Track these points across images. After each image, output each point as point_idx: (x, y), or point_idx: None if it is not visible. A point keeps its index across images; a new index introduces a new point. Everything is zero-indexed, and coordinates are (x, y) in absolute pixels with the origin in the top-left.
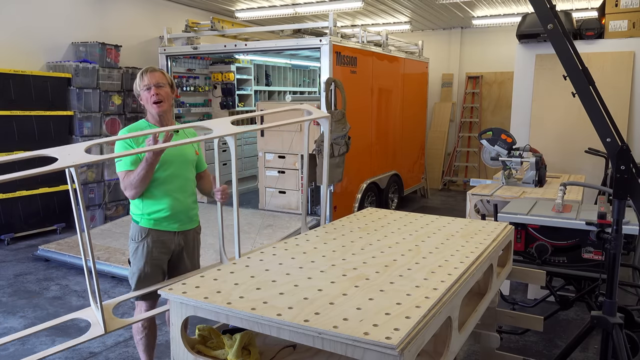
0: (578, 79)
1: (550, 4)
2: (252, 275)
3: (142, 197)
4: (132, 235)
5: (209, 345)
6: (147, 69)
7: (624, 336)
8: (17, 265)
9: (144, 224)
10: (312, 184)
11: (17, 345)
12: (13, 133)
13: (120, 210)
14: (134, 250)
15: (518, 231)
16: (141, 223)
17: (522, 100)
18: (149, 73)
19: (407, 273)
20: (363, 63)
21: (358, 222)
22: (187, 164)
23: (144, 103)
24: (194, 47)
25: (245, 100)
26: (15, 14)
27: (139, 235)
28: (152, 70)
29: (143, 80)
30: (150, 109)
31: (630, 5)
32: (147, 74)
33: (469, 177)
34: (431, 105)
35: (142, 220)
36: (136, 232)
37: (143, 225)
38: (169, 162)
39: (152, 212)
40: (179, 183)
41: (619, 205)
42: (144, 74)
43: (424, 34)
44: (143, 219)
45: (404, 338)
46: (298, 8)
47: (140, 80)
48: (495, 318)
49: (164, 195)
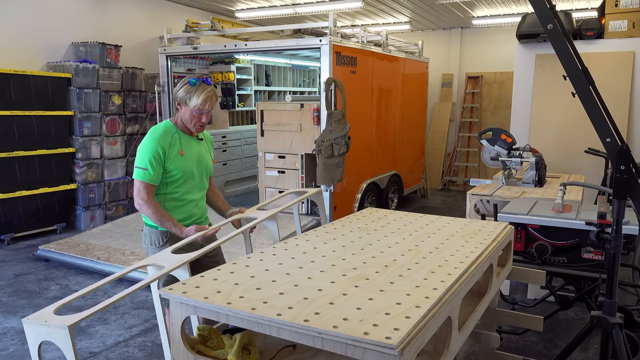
0: (578, 79)
1: (550, 4)
2: (252, 275)
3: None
4: (152, 241)
5: (209, 345)
6: (208, 94)
7: (624, 336)
8: (17, 265)
9: (164, 228)
10: (312, 184)
11: (17, 345)
12: (13, 133)
13: (120, 210)
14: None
15: (518, 231)
16: (160, 227)
17: (522, 100)
18: (210, 100)
19: (407, 273)
20: (363, 63)
21: (358, 222)
22: (207, 173)
23: (185, 118)
24: (194, 47)
25: (245, 100)
26: (15, 14)
27: (159, 240)
28: (212, 96)
29: (202, 104)
30: (189, 126)
31: (630, 5)
32: (208, 101)
33: (469, 177)
34: (431, 105)
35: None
36: (156, 237)
37: (163, 229)
38: (193, 173)
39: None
40: (200, 192)
41: (618, 205)
42: (205, 101)
43: (424, 34)
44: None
45: (404, 338)
46: (298, 8)
47: (196, 99)
48: (495, 318)
49: (186, 203)
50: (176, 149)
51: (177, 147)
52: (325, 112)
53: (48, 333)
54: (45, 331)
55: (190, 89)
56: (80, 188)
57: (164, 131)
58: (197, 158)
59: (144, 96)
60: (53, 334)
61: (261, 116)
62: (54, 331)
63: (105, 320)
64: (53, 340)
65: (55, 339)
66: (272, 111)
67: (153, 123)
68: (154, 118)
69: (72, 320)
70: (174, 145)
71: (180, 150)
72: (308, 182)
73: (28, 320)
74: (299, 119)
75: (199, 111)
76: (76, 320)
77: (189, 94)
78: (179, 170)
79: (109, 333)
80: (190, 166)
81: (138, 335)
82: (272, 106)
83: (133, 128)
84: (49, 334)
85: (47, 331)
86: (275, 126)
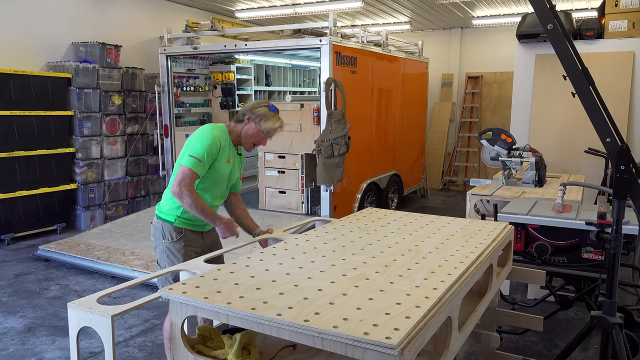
0: (578, 79)
1: (550, 4)
2: (252, 275)
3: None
4: (165, 235)
5: (209, 345)
6: (281, 124)
7: (624, 336)
8: (17, 265)
9: (179, 224)
10: (312, 184)
11: (17, 345)
12: (13, 133)
13: (120, 210)
14: (169, 249)
15: (518, 231)
16: (176, 223)
17: (522, 100)
18: (280, 129)
19: (407, 273)
20: (363, 63)
21: (358, 222)
22: (234, 186)
23: (249, 133)
24: (194, 47)
25: (246, 100)
26: (15, 14)
27: (174, 235)
28: (282, 127)
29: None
30: (246, 141)
31: (630, 5)
32: (278, 129)
33: (469, 177)
34: (431, 105)
35: (177, 221)
36: (169, 232)
37: (178, 225)
38: (225, 182)
39: (190, 217)
40: (220, 200)
41: (618, 205)
42: (277, 128)
43: (424, 34)
44: (177, 220)
45: (404, 338)
46: (298, 8)
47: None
48: (495, 318)
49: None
50: (225, 154)
51: (226, 153)
52: (325, 112)
53: (91, 320)
54: (89, 317)
55: (269, 113)
56: (80, 188)
57: (222, 132)
58: (232, 169)
59: (144, 96)
60: (96, 321)
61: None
62: (97, 319)
63: None
64: (94, 327)
65: (97, 327)
66: None
67: (153, 123)
68: (154, 118)
69: (116, 311)
70: (225, 149)
71: (228, 158)
72: (308, 182)
73: (73, 304)
74: (299, 119)
75: (267, 133)
76: (119, 311)
77: (267, 116)
78: (217, 174)
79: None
80: (226, 174)
81: (138, 335)
82: None
83: (133, 128)
84: (91, 321)
85: (90, 317)
86: None
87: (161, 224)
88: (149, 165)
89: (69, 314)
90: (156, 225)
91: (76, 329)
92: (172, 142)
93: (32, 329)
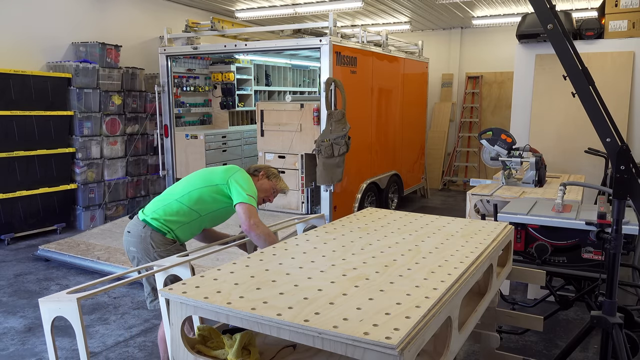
0: (578, 79)
1: (550, 4)
2: (252, 275)
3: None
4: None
5: (209, 345)
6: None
7: (624, 336)
8: (17, 265)
9: (171, 237)
10: (312, 184)
11: (17, 345)
12: (13, 133)
13: (120, 210)
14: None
15: (518, 231)
16: (168, 235)
17: (522, 100)
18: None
19: (407, 273)
20: (363, 63)
21: (358, 222)
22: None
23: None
24: (194, 47)
25: (245, 100)
26: (15, 14)
27: (166, 245)
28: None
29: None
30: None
31: (630, 5)
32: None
33: (469, 177)
34: (431, 105)
35: (170, 234)
36: (161, 242)
37: (170, 237)
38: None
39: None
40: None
41: (618, 205)
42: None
43: (424, 34)
44: (170, 233)
45: (404, 338)
46: (298, 8)
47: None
48: (495, 318)
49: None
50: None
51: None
52: (325, 112)
53: (60, 308)
54: (57, 307)
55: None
56: (80, 188)
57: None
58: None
59: (144, 96)
60: (64, 308)
61: (261, 116)
62: (65, 305)
63: (105, 320)
64: (64, 314)
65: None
66: (272, 111)
67: (153, 123)
68: (154, 118)
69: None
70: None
71: None
72: (308, 182)
73: (43, 299)
74: (299, 119)
75: (276, 192)
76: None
77: (279, 177)
78: (220, 216)
79: (109, 333)
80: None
81: (138, 335)
82: (272, 106)
83: (133, 128)
84: (60, 309)
85: (59, 307)
86: (275, 126)
87: (152, 233)
88: (149, 165)
89: (41, 308)
90: (141, 235)
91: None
92: (172, 142)
93: (32, 329)
